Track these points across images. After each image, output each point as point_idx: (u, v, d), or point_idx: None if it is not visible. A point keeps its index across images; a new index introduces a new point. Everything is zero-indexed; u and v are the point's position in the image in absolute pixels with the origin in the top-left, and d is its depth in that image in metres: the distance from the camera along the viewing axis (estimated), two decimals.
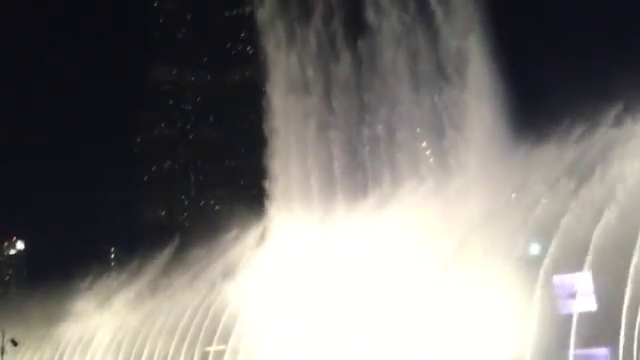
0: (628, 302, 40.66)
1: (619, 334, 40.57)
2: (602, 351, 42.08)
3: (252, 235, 65.29)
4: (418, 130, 61.53)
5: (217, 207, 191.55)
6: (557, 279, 45.85)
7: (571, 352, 42.27)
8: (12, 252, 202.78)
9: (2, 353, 52.02)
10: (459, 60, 58.07)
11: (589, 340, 42.14)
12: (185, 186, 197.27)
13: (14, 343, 51.73)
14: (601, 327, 41.48)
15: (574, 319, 43.45)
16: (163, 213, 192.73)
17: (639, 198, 42.18)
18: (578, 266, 43.93)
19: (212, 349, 64.47)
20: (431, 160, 59.80)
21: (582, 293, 44.47)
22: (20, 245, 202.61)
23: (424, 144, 61.23)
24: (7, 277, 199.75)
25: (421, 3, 61.47)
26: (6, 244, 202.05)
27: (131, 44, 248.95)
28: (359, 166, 62.52)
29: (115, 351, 76.10)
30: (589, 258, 43.03)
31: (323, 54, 66.00)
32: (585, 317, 43.23)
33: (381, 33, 62.77)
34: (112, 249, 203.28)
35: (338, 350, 51.72)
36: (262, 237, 64.02)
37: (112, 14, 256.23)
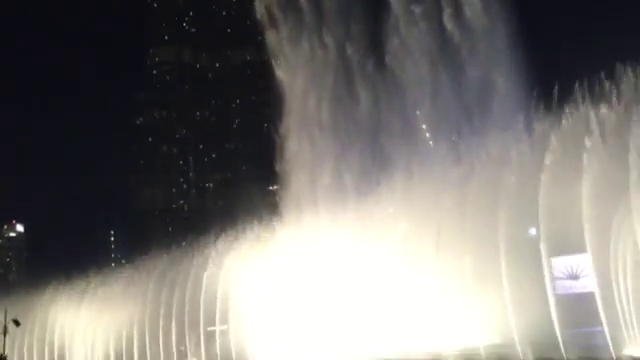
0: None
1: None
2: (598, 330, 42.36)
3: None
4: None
5: (216, 191, 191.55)
6: (556, 261, 46.16)
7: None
8: (12, 234, 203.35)
9: (4, 333, 52.06)
10: (483, 96, 55.60)
11: (586, 319, 42.43)
12: (184, 169, 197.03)
13: (17, 323, 51.79)
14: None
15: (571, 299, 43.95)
16: (162, 196, 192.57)
17: None
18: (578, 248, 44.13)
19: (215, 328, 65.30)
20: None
21: (582, 274, 44.90)
22: (20, 228, 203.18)
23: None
24: (7, 259, 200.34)
25: (443, 36, 59.65)
26: (6, 227, 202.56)
27: (131, 26, 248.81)
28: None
29: (116, 332, 76.71)
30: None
31: (338, 89, 64.13)
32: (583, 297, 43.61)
33: (403, 69, 60.52)
34: (112, 232, 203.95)
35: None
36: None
37: None
